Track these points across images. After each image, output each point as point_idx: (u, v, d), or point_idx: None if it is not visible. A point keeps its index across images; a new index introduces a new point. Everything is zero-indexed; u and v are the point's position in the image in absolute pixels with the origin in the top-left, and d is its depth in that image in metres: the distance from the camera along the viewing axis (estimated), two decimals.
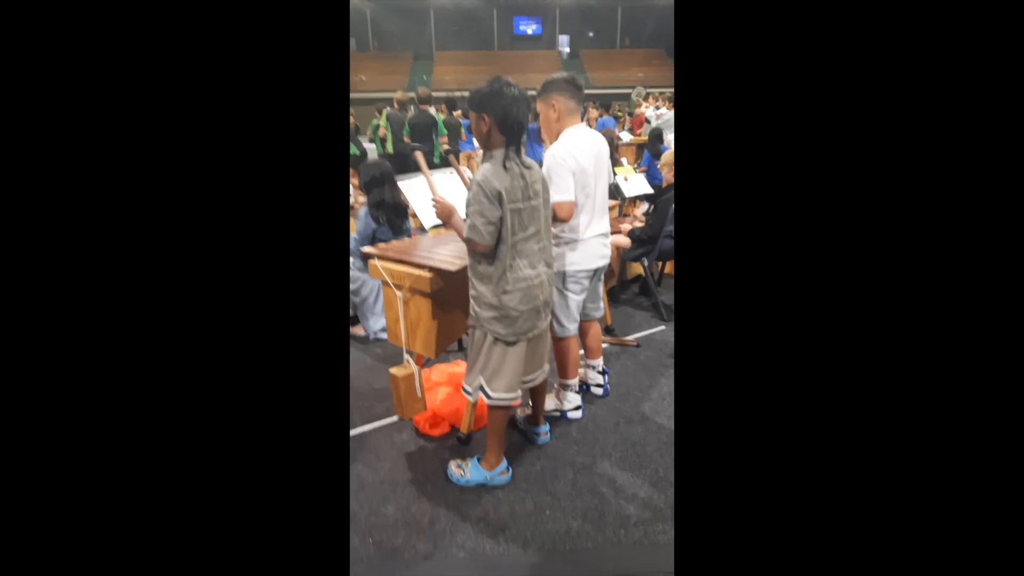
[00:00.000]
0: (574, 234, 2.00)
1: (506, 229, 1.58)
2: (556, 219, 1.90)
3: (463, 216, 1.66)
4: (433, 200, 1.72)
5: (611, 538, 1.64)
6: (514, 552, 1.60)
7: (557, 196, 1.86)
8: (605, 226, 2.09)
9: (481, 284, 1.66)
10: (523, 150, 1.65)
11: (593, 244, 2.04)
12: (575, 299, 2.07)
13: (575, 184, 1.89)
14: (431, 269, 1.85)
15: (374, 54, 26.71)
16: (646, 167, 5.04)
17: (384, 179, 2.80)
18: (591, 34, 27.56)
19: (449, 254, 1.96)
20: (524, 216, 1.62)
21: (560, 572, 1.53)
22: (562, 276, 2.03)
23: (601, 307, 2.28)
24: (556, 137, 1.97)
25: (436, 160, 5.23)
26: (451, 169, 2.29)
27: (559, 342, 2.13)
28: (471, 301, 1.72)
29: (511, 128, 1.57)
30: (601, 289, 2.27)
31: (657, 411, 2.30)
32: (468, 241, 1.60)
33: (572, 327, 2.11)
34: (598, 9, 25.77)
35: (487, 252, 1.60)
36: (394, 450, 2.08)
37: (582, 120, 2.04)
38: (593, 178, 1.97)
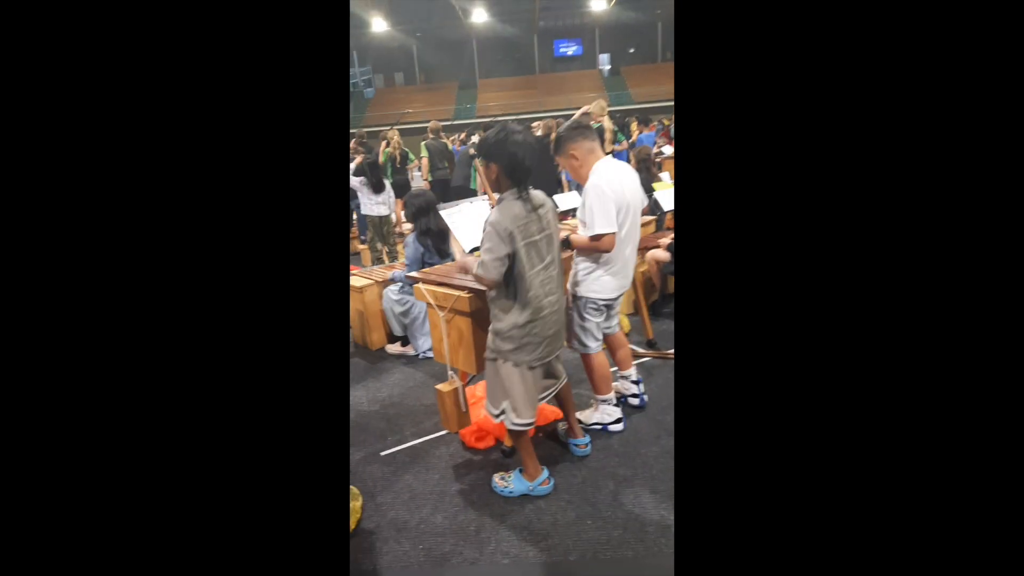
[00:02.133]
0: (601, 264, 2.08)
1: (521, 263, 1.68)
2: (599, 251, 1.99)
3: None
4: (458, 262, 1.90)
5: (652, 548, 1.67)
6: (556, 560, 1.66)
7: (600, 228, 1.95)
8: (634, 251, 2.16)
9: (502, 317, 1.75)
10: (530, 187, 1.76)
11: (617, 275, 2.11)
12: (594, 322, 2.16)
13: (616, 214, 1.96)
14: (470, 290, 1.98)
15: (421, 87, 27.87)
16: None
17: (429, 208, 2.99)
18: (631, 50, 27.62)
19: None
20: (541, 247, 1.73)
21: None
22: (584, 302, 2.12)
23: (616, 324, 2.33)
24: (586, 179, 2.07)
25: (473, 186, 5.46)
26: (484, 196, 2.46)
27: (586, 359, 2.20)
28: (490, 334, 1.81)
29: (518, 172, 1.69)
30: (616, 310, 2.31)
31: None
32: (476, 277, 1.72)
33: (595, 345, 2.19)
34: (637, 26, 25.84)
35: (492, 287, 1.72)
36: (443, 463, 2.19)
37: (602, 147, 2.15)
38: (631, 209, 2.05)
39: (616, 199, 1.97)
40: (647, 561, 1.63)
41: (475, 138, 6.28)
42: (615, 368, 2.42)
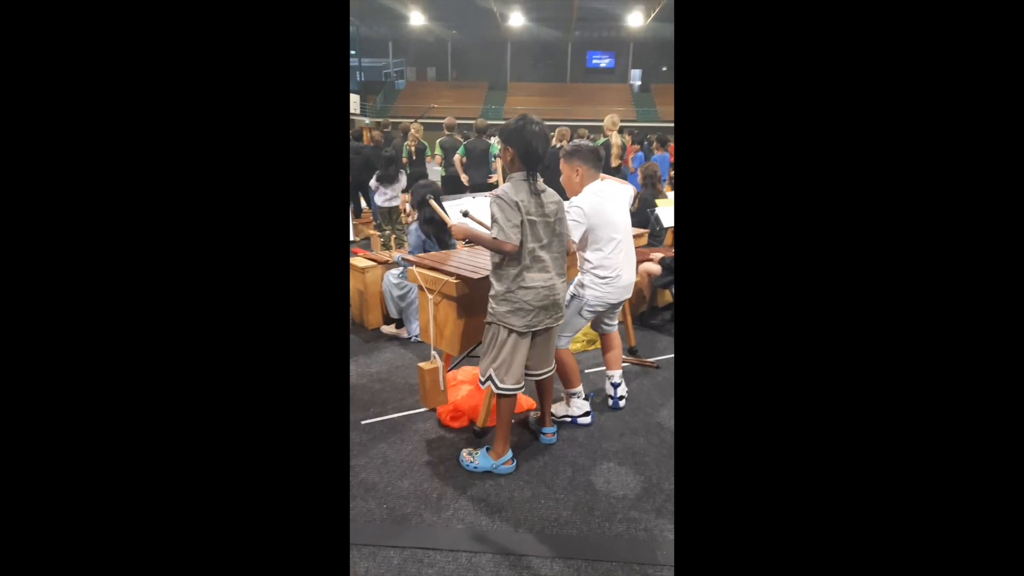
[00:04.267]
0: (610, 273, 2.28)
1: (523, 236, 1.84)
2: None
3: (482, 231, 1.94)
4: (449, 227, 2.03)
5: (596, 529, 1.80)
6: (506, 530, 1.80)
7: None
8: (632, 268, 2.38)
9: (499, 283, 1.92)
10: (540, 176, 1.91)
11: (619, 283, 2.32)
12: (583, 321, 2.36)
13: (583, 232, 2.21)
14: (458, 276, 2.13)
15: (452, 83, 28.17)
16: None
17: (434, 198, 3.14)
18: (664, 68, 27.70)
19: (475, 265, 2.24)
20: (539, 228, 1.88)
21: (543, 552, 1.71)
22: (581, 303, 2.32)
23: (615, 324, 2.49)
24: (577, 193, 2.29)
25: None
26: (485, 194, 2.63)
27: (556, 353, 2.35)
28: (489, 300, 1.97)
29: (531, 159, 1.87)
30: (618, 312, 2.48)
31: (663, 427, 2.43)
32: (496, 242, 1.84)
33: (564, 341, 2.36)
34: (672, 45, 25.94)
35: (514, 251, 1.84)
36: (417, 436, 2.34)
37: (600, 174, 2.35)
38: (612, 225, 2.25)
39: (593, 222, 2.19)
40: (589, 541, 1.76)
41: (494, 140, 6.43)
42: (599, 368, 2.58)
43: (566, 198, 2.25)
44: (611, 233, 2.24)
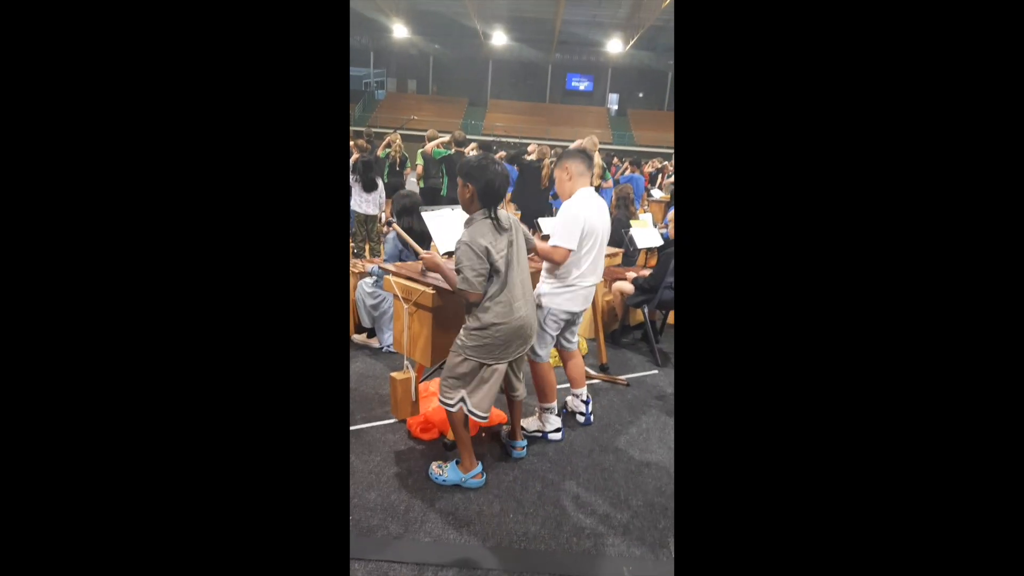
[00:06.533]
0: (571, 280, 2.28)
1: (496, 274, 1.85)
2: (551, 260, 2.20)
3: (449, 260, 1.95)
4: (420, 257, 2.03)
5: (563, 545, 1.80)
6: (473, 544, 1.78)
7: (559, 241, 2.18)
8: (598, 277, 2.38)
9: (475, 319, 1.91)
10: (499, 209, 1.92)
11: (583, 291, 2.33)
12: (552, 334, 2.35)
13: (580, 238, 2.20)
14: (434, 287, 2.12)
15: (432, 97, 28.28)
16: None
17: (413, 209, 3.14)
18: (640, 95, 28.47)
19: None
20: (510, 260, 1.90)
21: (509, 567, 1.70)
22: (545, 313, 2.32)
23: (576, 341, 2.52)
24: (569, 196, 2.30)
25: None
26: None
27: (534, 367, 2.36)
28: (462, 331, 1.96)
29: (490, 197, 1.87)
30: (578, 327, 2.50)
31: (632, 444, 2.45)
32: (460, 292, 1.86)
33: (544, 353, 2.36)
34: (649, 72, 26.73)
35: (478, 300, 1.86)
36: (386, 447, 2.31)
37: (591, 181, 2.38)
38: (596, 236, 2.28)
39: (585, 226, 2.19)
40: (556, 556, 1.75)
41: (502, 154, 6.46)
42: (567, 384, 2.58)
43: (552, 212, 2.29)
44: (588, 242, 2.26)
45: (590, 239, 2.25)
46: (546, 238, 2.41)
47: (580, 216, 2.18)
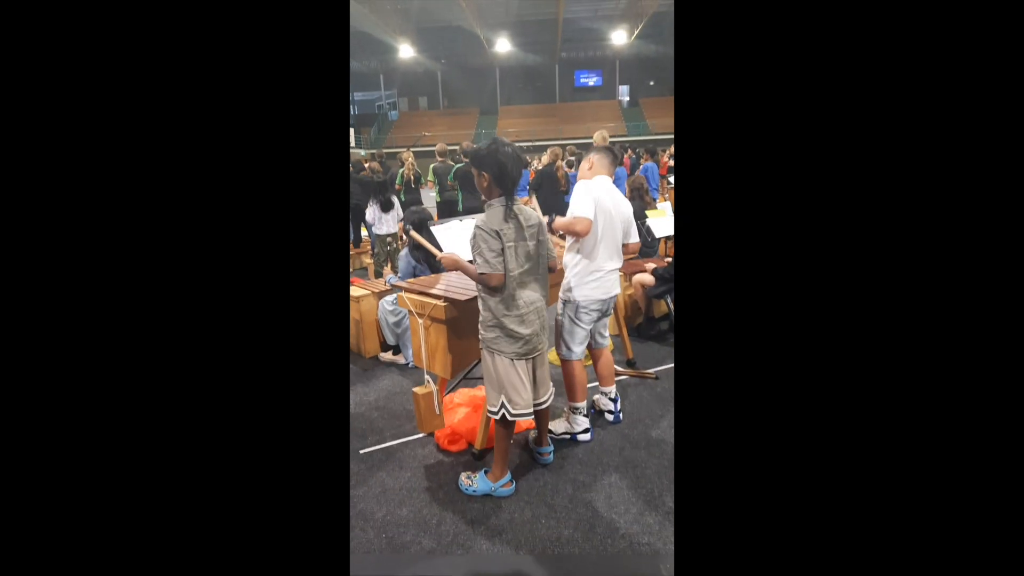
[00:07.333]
0: (596, 263, 2.27)
1: (506, 263, 1.84)
2: (574, 232, 2.22)
3: (470, 259, 1.95)
4: (439, 258, 2.04)
5: (598, 547, 1.77)
6: (507, 553, 1.76)
7: (575, 211, 2.21)
8: (618, 263, 2.36)
9: (486, 310, 1.92)
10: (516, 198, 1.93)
11: (607, 279, 2.30)
12: (585, 328, 2.32)
13: (594, 210, 2.21)
14: (445, 299, 2.13)
15: (444, 111, 28.65)
16: None
17: (422, 224, 3.17)
18: (651, 83, 28.12)
19: (462, 286, 2.25)
20: (519, 252, 1.88)
21: (545, 573, 1.68)
22: (575, 307, 2.29)
23: (608, 336, 2.47)
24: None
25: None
26: (472, 217, 2.66)
27: (567, 365, 2.33)
28: (479, 326, 1.97)
29: (506, 182, 1.87)
30: (608, 321, 2.47)
31: (663, 438, 2.40)
32: (482, 276, 1.85)
33: (579, 351, 2.33)
34: (657, 59, 26.38)
35: (501, 283, 1.85)
36: (416, 462, 2.32)
37: (610, 174, 2.41)
38: (610, 218, 2.27)
39: (597, 201, 2.21)
40: (591, 559, 1.72)
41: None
42: (594, 383, 2.55)
43: (553, 219, 2.29)
44: (601, 220, 2.24)
45: (603, 217, 2.24)
46: (562, 237, 2.42)
47: (592, 192, 2.21)
